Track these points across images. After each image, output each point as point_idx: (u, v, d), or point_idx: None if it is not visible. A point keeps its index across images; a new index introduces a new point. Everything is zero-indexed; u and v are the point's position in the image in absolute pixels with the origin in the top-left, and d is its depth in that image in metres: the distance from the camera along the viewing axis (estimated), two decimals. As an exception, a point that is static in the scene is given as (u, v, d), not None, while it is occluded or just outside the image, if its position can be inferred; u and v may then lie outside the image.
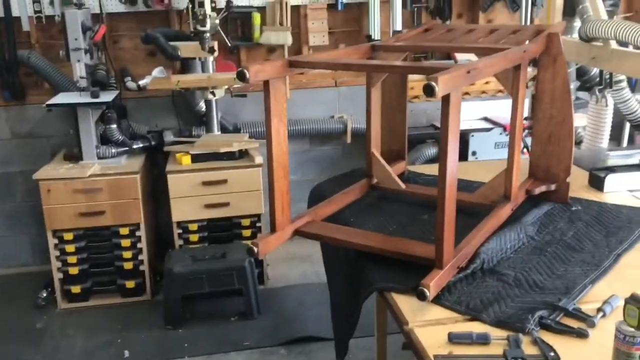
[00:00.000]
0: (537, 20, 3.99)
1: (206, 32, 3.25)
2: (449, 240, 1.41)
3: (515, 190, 1.84)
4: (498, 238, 1.61)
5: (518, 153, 1.83)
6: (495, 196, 1.85)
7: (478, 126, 3.68)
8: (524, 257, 1.57)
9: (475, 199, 1.89)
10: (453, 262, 1.44)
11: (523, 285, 1.42)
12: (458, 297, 1.38)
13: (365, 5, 3.78)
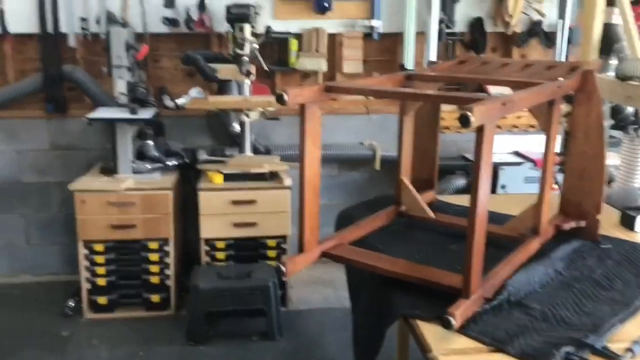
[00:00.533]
0: (572, 58, 4.00)
1: (244, 56, 3.33)
2: (476, 270, 1.42)
3: (545, 224, 1.84)
4: (526, 271, 1.61)
5: (549, 187, 1.83)
6: (524, 229, 1.85)
7: (509, 160, 3.68)
8: (551, 292, 1.57)
9: (504, 231, 1.89)
10: (480, 293, 1.45)
11: (550, 320, 1.41)
12: (483, 328, 1.38)
13: (401, 35, 3.84)
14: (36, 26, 3.56)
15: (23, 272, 3.93)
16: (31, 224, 3.89)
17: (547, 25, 3.92)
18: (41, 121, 3.74)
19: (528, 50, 4.02)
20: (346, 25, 3.82)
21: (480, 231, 1.40)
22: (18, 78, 3.70)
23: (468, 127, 1.21)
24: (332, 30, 3.81)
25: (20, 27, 3.57)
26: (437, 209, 2.18)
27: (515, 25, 3.85)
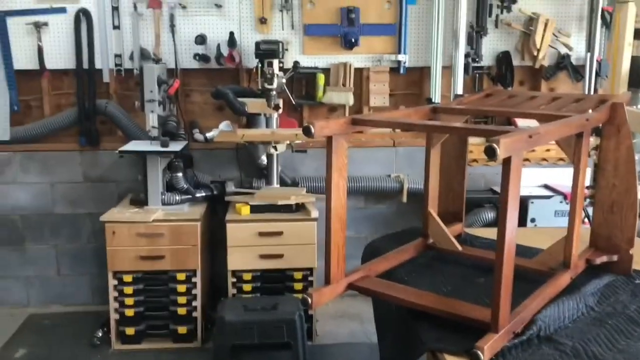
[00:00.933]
0: (600, 91, 3.97)
1: (273, 90, 3.39)
2: (505, 304, 1.40)
3: (575, 258, 1.81)
4: (556, 306, 1.58)
5: (579, 220, 1.81)
6: (553, 263, 1.82)
7: (538, 193, 3.64)
8: (582, 327, 1.53)
9: (533, 265, 1.86)
10: (509, 327, 1.42)
11: (581, 356, 1.38)
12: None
13: (427, 69, 3.87)
14: (72, 62, 3.69)
15: (53, 302, 3.98)
16: (62, 254, 3.96)
17: (575, 58, 3.91)
18: (74, 154, 3.84)
19: (556, 84, 4.01)
20: (373, 59, 3.87)
21: (508, 264, 1.39)
22: (54, 112, 3.82)
23: (494, 159, 1.21)
24: (359, 64, 3.86)
25: (57, 64, 3.71)
26: (465, 242, 2.17)
27: (542, 58, 3.85)
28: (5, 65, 3.67)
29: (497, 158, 1.22)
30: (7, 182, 3.85)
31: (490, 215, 3.65)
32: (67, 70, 3.75)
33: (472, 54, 3.83)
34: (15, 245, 3.92)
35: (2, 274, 3.95)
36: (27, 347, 3.44)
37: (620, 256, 1.89)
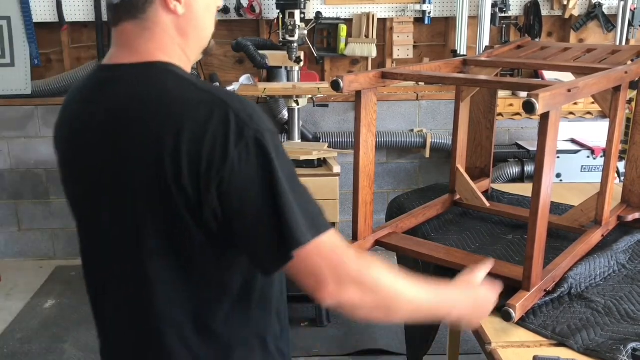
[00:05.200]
0: (632, 42, 3.83)
1: (294, 42, 3.32)
2: (538, 262, 1.38)
3: (607, 215, 1.77)
4: (587, 263, 1.55)
5: (612, 177, 1.76)
6: (585, 220, 1.79)
7: (565, 148, 3.57)
8: (614, 285, 1.51)
9: (564, 221, 1.83)
10: (540, 285, 1.41)
11: (614, 314, 1.36)
12: (544, 321, 1.34)
13: (453, 20, 3.76)
14: (91, 14, 3.64)
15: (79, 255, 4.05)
16: (87, 208, 4.01)
17: (607, 7, 3.76)
18: (96, 108, 3.84)
19: (586, 34, 3.88)
20: (397, 9, 3.76)
21: (543, 222, 1.36)
22: (74, 65, 3.80)
23: (533, 113, 1.17)
24: (383, 15, 3.76)
25: (77, 16, 3.66)
26: (492, 198, 2.14)
27: (573, 7, 3.71)
28: (24, 18, 3.63)
29: (536, 113, 1.18)
30: (30, 136, 3.87)
31: (515, 170, 3.60)
32: (87, 23, 3.71)
33: (499, 3, 3.70)
34: (41, 199, 3.98)
35: (29, 227, 4.02)
36: (55, 298, 3.53)
37: None
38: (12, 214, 4.00)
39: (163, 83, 0.96)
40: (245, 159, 0.89)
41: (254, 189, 0.90)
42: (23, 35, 3.66)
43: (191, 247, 0.96)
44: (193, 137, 0.89)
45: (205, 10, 1.04)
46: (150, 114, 0.93)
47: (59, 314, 3.35)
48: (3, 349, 3.02)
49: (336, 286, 0.93)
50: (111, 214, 1.01)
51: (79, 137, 1.03)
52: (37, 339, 3.10)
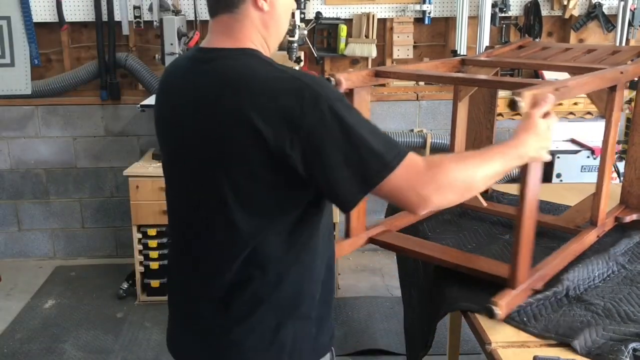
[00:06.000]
0: (632, 42, 3.83)
1: (294, 42, 3.32)
2: (524, 260, 1.38)
3: (603, 216, 1.77)
4: (585, 265, 1.55)
5: (608, 177, 1.76)
6: (580, 221, 1.79)
7: (564, 148, 3.56)
8: (613, 286, 1.51)
9: (560, 222, 1.83)
10: (528, 284, 1.41)
11: (614, 316, 1.36)
12: (546, 325, 1.34)
13: (453, 20, 3.75)
14: (91, 14, 3.64)
15: (79, 255, 4.06)
16: (86, 208, 4.01)
17: (607, 7, 3.76)
18: (96, 107, 3.84)
19: (586, 34, 3.87)
20: (397, 9, 3.76)
21: (529, 220, 1.36)
22: (74, 65, 3.80)
23: (517, 111, 1.20)
24: (383, 15, 3.76)
25: (76, 16, 3.66)
26: (491, 199, 2.14)
27: (573, 7, 3.71)
28: (24, 18, 3.63)
29: (521, 111, 1.19)
30: (30, 136, 3.87)
31: (515, 170, 3.59)
32: (87, 23, 3.71)
33: (499, 3, 3.69)
34: (40, 199, 3.98)
35: (29, 227, 4.03)
36: (55, 298, 3.53)
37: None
38: (12, 214, 4.00)
39: (251, 64, 1.18)
40: (320, 118, 1.09)
41: (333, 137, 1.09)
42: (23, 35, 3.66)
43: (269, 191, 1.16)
44: (280, 106, 1.09)
45: (284, 11, 1.25)
46: (241, 87, 1.13)
47: (59, 314, 3.35)
48: (3, 349, 3.02)
49: (422, 201, 1.12)
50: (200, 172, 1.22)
51: (178, 105, 1.25)
52: (37, 339, 3.10)
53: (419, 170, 1.12)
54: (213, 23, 1.24)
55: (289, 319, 1.24)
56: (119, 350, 2.99)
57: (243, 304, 1.22)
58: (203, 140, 1.19)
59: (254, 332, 1.23)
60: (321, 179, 1.12)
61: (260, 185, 1.15)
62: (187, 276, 1.32)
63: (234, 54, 1.20)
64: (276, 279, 1.21)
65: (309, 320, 1.27)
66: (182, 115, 1.24)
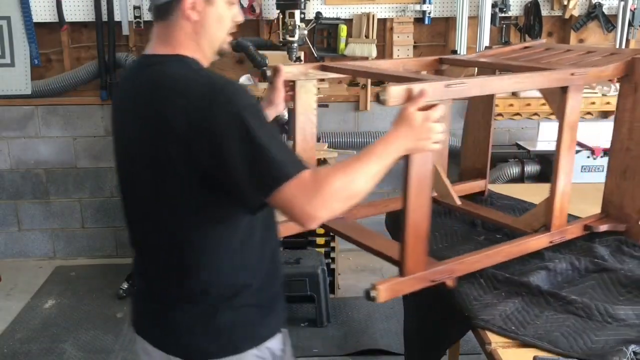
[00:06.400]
0: (632, 42, 3.83)
1: (294, 43, 3.32)
2: (412, 249, 1.39)
3: (560, 221, 1.70)
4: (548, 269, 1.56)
5: (563, 181, 1.68)
6: (536, 224, 1.74)
7: (564, 148, 3.56)
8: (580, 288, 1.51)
9: (518, 224, 1.80)
10: (423, 274, 1.42)
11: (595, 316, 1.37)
12: (536, 331, 1.33)
13: (453, 20, 3.76)
14: (91, 14, 3.64)
15: (79, 255, 4.06)
16: (86, 208, 4.01)
17: (607, 7, 3.76)
18: (96, 107, 3.84)
19: (586, 34, 3.87)
20: (397, 9, 3.76)
21: (415, 207, 1.37)
22: (74, 65, 3.80)
23: (384, 104, 1.25)
24: (383, 15, 3.76)
25: (76, 16, 3.66)
26: (486, 201, 2.12)
27: (573, 8, 3.71)
28: (24, 18, 3.63)
29: (386, 104, 1.24)
30: (30, 136, 3.88)
31: (515, 170, 3.59)
32: (87, 23, 3.71)
33: (499, 3, 3.69)
34: (41, 199, 3.98)
35: (29, 227, 4.03)
36: (55, 298, 3.53)
37: (629, 226, 1.75)
38: (12, 214, 4.00)
39: (177, 70, 1.27)
40: (227, 123, 1.18)
41: (237, 142, 1.17)
42: (23, 35, 3.66)
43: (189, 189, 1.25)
44: (193, 107, 1.19)
45: (216, 21, 1.32)
46: (165, 92, 1.24)
47: (59, 314, 3.35)
48: (3, 349, 3.02)
49: (307, 216, 1.19)
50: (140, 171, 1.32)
51: (123, 109, 1.36)
52: (37, 339, 3.10)
53: (307, 186, 1.19)
54: (153, 29, 1.34)
55: (227, 307, 1.32)
56: (119, 350, 2.99)
57: (182, 291, 1.33)
58: (139, 143, 1.30)
59: (192, 317, 1.33)
60: (225, 180, 1.20)
61: (185, 185, 1.25)
62: (139, 262, 1.45)
63: (166, 60, 1.30)
64: (211, 270, 1.31)
65: (250, 308, 1.35)
66: (125, 118, 1.35)
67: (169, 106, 1.22)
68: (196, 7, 1.28)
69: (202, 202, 1.26)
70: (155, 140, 1.25)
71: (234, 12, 1.36)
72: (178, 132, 1.20)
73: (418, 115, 1.28)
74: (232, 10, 1.35)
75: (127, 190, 1.40)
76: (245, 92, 1.25)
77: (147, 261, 1.41)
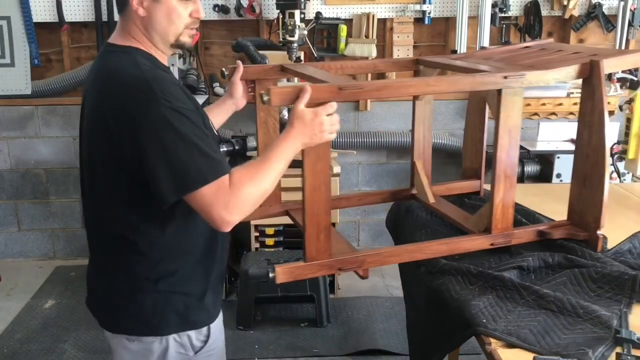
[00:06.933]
0: (632, 42, 3.83)
1: (294, 42, 3.32)
2: (314, 237, 1.47)
3: (502, 224, 1.67)
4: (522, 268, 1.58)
5: (505, 185, 1.64)
6: (482, 226, 1.72)
7: (564, 148, 3.56)
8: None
9: (469, 224, 1.79)
10: (328, 262, 1.51)
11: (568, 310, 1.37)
12: (506, 327, 1.33)
13: (453, 20, 3.75)
14: (91, 14, 3.64)
15: (79, 255, 4.06)
16: (87, 208, 4.01)
17: (607, 7, 3.76)
18: (96, 108, 3.83)
19: (586, 34, 3.87)
20: (397, 9, 3.76)
21: (312, 203, 1.45)
22: (74, 65, 3.80)
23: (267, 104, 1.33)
24: (383, 15, 3.76)
25: (76, 16, 3.66)
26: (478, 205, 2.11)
27: (573, 8, 3.71)
28: (24, 18, 3.63)
29: (268, 104, 1.32)
30: (29, 136, 3.88)
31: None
32: (87, 23, 3.71)
33: (499, 3, 3.69)
34: (41, 199, 3.98)
35: (29, 227, 4.03)
36: (55, 298, 3.53)
37: (589, 235, 1.68)
38: (12, 214, 4.00)
39: (119, 60, 1.38)
40: (153, 121, 1.27)
41: (161, 140, 1.27)
42: (23, 35, 3.66)
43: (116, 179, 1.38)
44: (122, 101, 1.31)
45: (164, 16, 1.41)
46: (105, 80, 1.38)
47: (59, 314, 3.35)
48: (3, 349, 3.02)
49: (221, 220, 1.30)
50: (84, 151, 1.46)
51: (85, 93, 1.47)
52: (37, 339, 3.10)
53: (224, 191, 1.29)
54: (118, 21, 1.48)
55: (151, 290, 1.44)
56: (119, 351, 2.99)
57: (114, 273, 1.47)
58: (86, 126, 1.44)
59: (122, 297, 1.46)
60: (146, 172, 1.30)
61: (112, 175, 1.38)
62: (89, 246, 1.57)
63: (116, 50, 1.42)
64: (137, 254, 1.42)
65: (173, 295, 1.45)
66: (83, 108, 1.48)
67: (104, 98, 1.35)
68: (143, 4, 1.38)
69: (128, 192, 1.37)
70: (95, 130, 1.39)
71: (191, 7, 1.43)
72: (110, 127, 1.32)
73: (307, 113, 1.36)
74: (187, 6, 1.42)
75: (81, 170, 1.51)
76: (176, 90, 1.33)
77: (90, 245, 1.54)
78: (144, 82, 1.30)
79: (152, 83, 1.30)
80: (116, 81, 1.34)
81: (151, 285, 1.44)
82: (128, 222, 1.40)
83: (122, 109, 1.30)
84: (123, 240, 1.42)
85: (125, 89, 1.31)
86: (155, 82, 1.31)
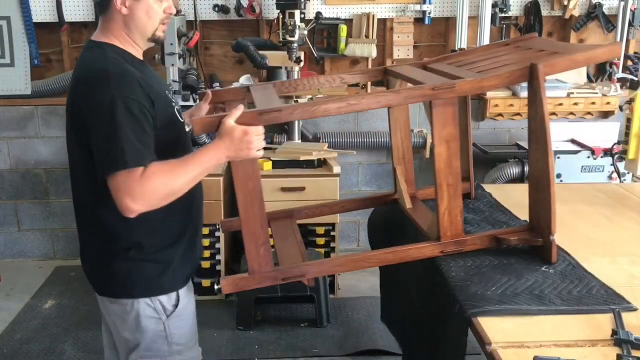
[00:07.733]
0: (633, 42, 3.83)
1: (294, 42, 3.32)
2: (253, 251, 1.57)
3: (452, 232, 1.67)
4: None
5: (446, 192, 1.65)
6: (434, 234, 1.71)
7: (564, 148, 3.56)
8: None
9: (427, 230, 1.79)
10: (272, 273, 1.60)
11: None
12: None
13: (453, 20, 3.76)
14: (91, 14, 3.64)
15: (79, 255, 4.05)
16: (87, 208, 4.00)
17: (607, 7, 3.76)
18: (96, 108, 3.83)
19: (586, 34, 3.87)
20: (397, 9, 3.76)
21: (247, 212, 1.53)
22: (74, 65, 3.78)
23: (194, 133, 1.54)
24: (383, 15, 3.76)
25: (76, 16, 3.66)
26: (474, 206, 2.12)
27: (573, 8, 3.71)
28: (24, 18, 3.63)
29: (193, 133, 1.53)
30: (29, 136, 3.87)
31: (515, 170, 3.59)
32: (87, 23, 3.71)
33: (499, 3, 3.70)
34: (40, 199, 3.98)
35: (29, 227, 4.03)
36: (55, 298, 3.53)
37: (544, 240, 1.66)
38: (12, 214, 4.00)
39: (92, 56, 1.58)
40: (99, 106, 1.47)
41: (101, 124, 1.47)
42: (23, 35, 3.66)
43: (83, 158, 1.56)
44: (84, 88, 1.52)
45: (144, 13, 1.59)
46: (77, 75, 1.59)
47: (59, 314, 3.35)
48: (3, 349, 3.02)
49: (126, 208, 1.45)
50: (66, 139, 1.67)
51: None
52: (36, 339, 3.10)
53: (134, 179, 1.43)
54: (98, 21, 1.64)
55: (123, 258, 1.64)
56: (119, 351, 2.99)
57: (87, 236, 1.73)
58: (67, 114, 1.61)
59: (100, 263, 1.69)
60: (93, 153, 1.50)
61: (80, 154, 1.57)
62: None
63: (93, 46, 1.61)
64: (109, 226, 1.61)
65: (143, 262, 1.64)
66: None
67: (73, 89, 1.56)
68: (125, 3, 1.56)
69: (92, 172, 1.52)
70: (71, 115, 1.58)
71: (165, 4, 1.61)
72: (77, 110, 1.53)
73: (238, 129, 1.47)
74: (161, 4, 1.60)
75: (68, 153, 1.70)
76: (129, 83, 1.49)
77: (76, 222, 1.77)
78: (104, 74, 1.48)
79: (111, 74, 1.48)
80: (83, 74, 1.55)
81: (123, 253, 1.63)
82: (97, 199, 1.58)
83: (83, 95, 1.50)
84: (96, 216, 1.62)
85: (87, 80, 1.51)
86: (114, 74, 1.49)
